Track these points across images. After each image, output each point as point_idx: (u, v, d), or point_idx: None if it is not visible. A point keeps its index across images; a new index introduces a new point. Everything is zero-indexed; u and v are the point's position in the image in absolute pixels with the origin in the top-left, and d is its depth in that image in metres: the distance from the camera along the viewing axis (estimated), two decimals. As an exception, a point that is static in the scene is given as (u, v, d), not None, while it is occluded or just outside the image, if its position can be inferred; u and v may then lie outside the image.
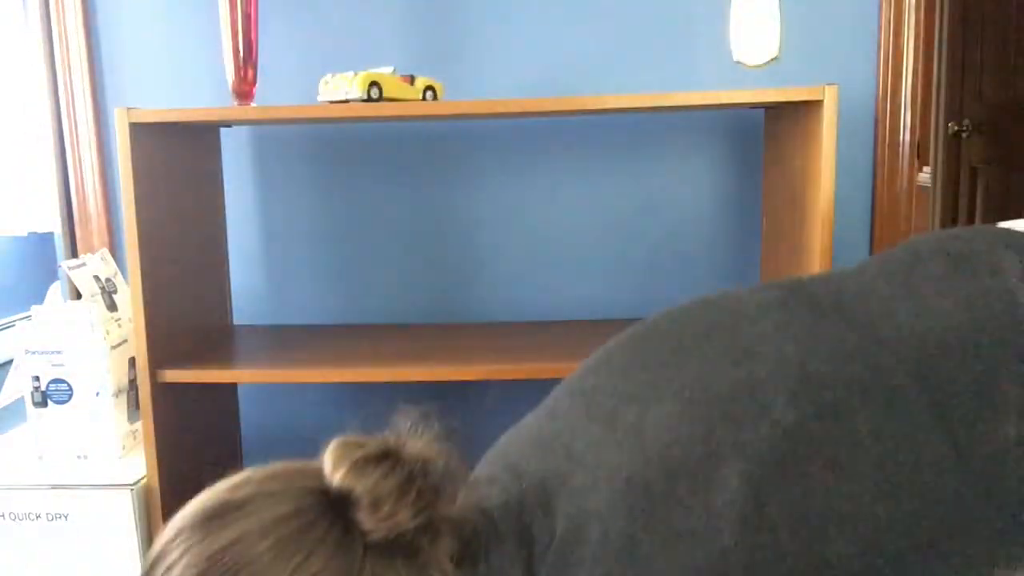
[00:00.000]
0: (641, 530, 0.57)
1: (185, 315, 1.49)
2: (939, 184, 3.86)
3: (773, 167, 1.56)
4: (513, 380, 1.67)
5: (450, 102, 1.44)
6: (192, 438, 1.51)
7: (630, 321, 1.89)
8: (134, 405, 1.49)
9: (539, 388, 1.73)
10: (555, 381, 1.69)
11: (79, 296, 1.47)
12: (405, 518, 0.56)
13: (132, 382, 1.49)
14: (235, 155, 1.68)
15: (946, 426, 0.59)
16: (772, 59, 1.36)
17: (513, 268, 1.70)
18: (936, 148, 3.86)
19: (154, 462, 1.36)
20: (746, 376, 0.62)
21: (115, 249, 1.69)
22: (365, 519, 0.56)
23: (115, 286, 1.51)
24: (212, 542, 0.56)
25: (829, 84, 1.26)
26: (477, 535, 0.61)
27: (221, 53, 1.40)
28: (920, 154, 1.65)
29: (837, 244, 1.32)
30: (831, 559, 0.56)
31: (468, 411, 1.76)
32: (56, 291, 1.63)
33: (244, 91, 1.41)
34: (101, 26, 1.67)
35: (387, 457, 0.59)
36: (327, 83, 1.35)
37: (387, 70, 1.36)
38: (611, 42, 1.63)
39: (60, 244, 1.75)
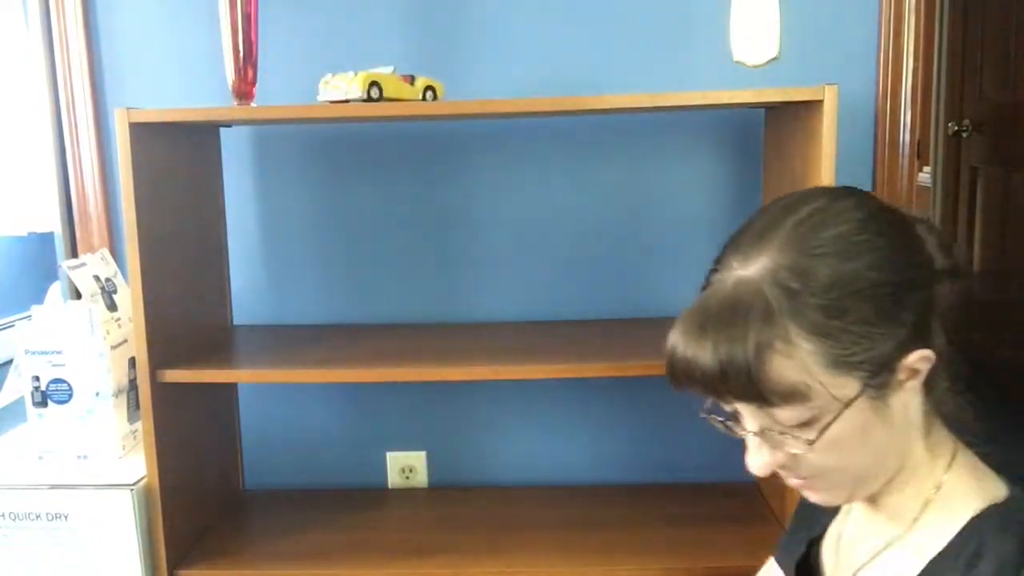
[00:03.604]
0: None
1: (185, 315, 1.49)
2: (939, 184, 3.87)
3: (773, 167, 1.56)
4: (513, 380, 1.67)
5: (450, 102, 1.44)
6: (192, 438, 1.51)
7: (631, 321, 1.88)
8: (134, 405, 1.49)
9: (538, 388, 1.73)
10: (555, 381, 1.70)
11: (79, 296, 1.47)
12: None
13: (132, 382, 1.49)
14: (235, 155, 1.68)
15: None
16: (772, 59, 1.36)
17: (513, 268, 1.70)
18: (936, 148, 3.86)
19: (154, 462, 1.37)
20: None
21: (115, 249, 1.69)
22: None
23: (115, 286, 1.51)
24: None
25: (829, 84, 1.26)
26: None
27: (221, 53, 1.40)
28: (920, 154, 1.64)
29: (837, 244, 1.32)
30: None
31: (467, 410, 1.76)
32: (56, 291, 1.63)
33: (244, 91, 1.41)
34: (101, 26, 1.67)
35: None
36: (327, 83, 1.35)
37: (387, 70, 1.36)
38: (611, 42, 1.63)
39: (60, 244, 1.75)
